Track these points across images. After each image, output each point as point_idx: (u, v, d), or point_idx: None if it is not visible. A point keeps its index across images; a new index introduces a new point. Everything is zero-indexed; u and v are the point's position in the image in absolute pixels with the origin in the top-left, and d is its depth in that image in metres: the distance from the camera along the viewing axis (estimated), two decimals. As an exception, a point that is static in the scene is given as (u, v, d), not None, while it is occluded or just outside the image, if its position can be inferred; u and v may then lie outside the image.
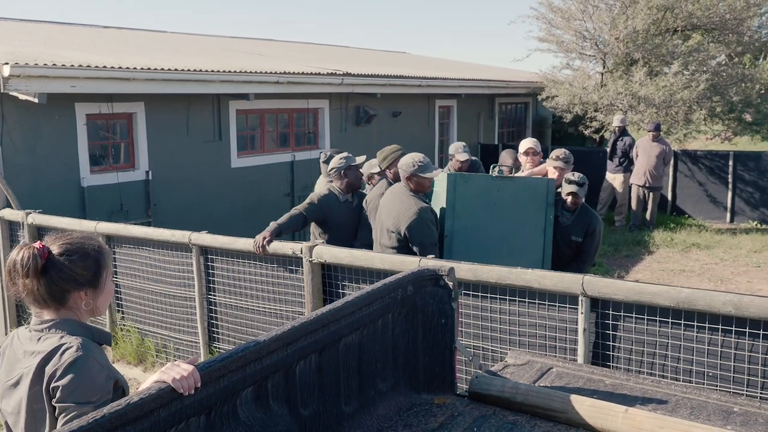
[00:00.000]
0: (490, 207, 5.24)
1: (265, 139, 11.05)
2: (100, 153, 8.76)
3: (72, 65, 7.48)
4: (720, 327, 3.26)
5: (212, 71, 9.07)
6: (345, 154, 5.51)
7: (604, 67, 15.75)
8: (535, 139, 6.49)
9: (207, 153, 9.85)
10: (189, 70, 8.79)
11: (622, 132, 12.32)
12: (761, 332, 3.18)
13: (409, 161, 4.87)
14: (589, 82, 15.12)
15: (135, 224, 6.81)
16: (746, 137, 19.00)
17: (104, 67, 7.81)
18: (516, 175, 6.05)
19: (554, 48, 16.28)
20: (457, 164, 5.99)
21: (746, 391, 3.23)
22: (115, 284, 6.26)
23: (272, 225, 5.00)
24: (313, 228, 5.48)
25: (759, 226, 12.53)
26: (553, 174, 5.67)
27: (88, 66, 7.65)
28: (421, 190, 4.91)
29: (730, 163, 12.87)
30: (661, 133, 12.24)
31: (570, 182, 5.23)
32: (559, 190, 5.41)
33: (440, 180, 5.27)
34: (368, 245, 5.19)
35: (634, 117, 14.12)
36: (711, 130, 17.07)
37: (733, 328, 3.23)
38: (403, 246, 4.72)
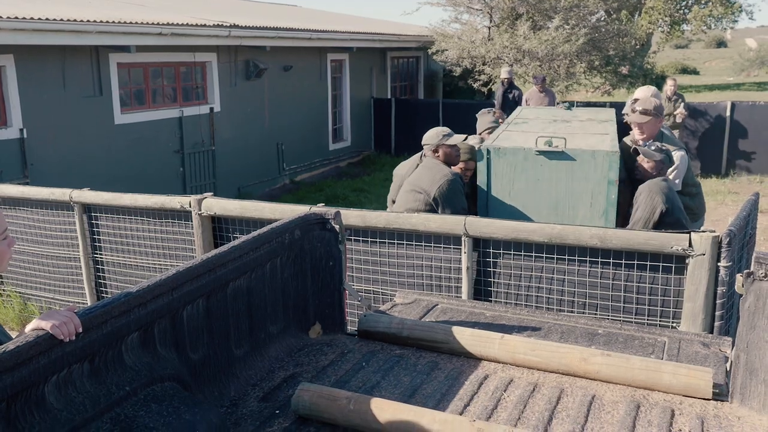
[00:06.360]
0: (533, 185, 4.43)
1: (150, 94, 10.61)
2: (-35, 110, 8.14)
3: (-74, 13, 6.86)
4: (588, 259, 3.54)
5: (88, 21, 8.56)
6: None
7: (491, 21, 16.13)
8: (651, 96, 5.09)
9: (87, 109, 9.35)
10: (62, 19, 8.25)
11: (510, 84, 12.71)
12: (623, 262, 3.48)
13: (433, 134, 4.62)
14: (477, 36, 15.46)
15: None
16: (623, 90, 20.11)
17: (-36, 15, 7.22)
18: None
19: (443, 1, 16.47)
20: None
21: (609, 315, 3.54)
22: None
23: None
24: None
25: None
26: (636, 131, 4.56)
27: (-54, 14, 7.04)
28: (451, 161, 4.59)
29: (607, 113, 13.62)
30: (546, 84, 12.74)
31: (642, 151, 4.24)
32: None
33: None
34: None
35: (519, 70, 14.61)
36: (590, 83, 17.93)
37: (599, 260, 3.52)
38: (429, 211, 4.38)
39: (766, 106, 12.56)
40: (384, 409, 2.13)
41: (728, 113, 12.57)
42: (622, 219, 4.39)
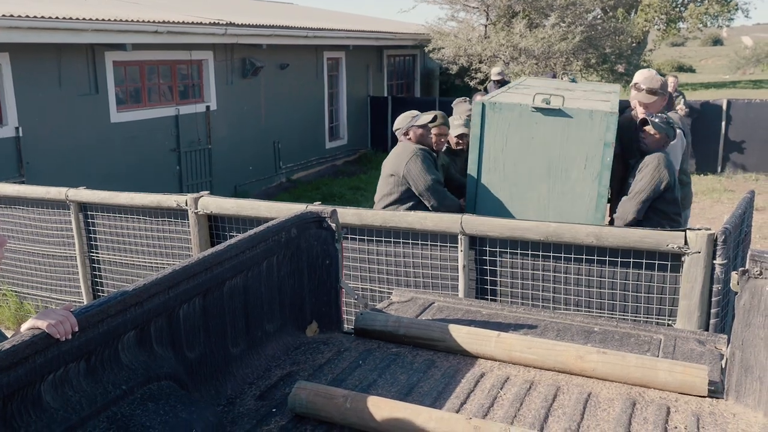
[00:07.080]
0: (527, 143, 4.25)
1: (146, 92, 10.59)
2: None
3: None
4: (584, 257, 3.55)
5: (84, 19, 8.54)
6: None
7: (487, 19, 16.13)
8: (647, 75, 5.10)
9: (83, 107, 9.33)
10: (58, 17, 8.23)
11: (504, 84, 12.67)
12: (619, 260, 3.49)
13: (401, 119, 4.67)
14: (473, 34, 15.47)
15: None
16: (619, 88, 20.14)
17: (-41, 13, 7.19)
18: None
19: (440, -1, 16.48)
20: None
21: (605, 313, 3.55)
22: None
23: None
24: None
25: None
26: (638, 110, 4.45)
27: (-59, 12, 7.01)
28: (423, 141, 4.56)
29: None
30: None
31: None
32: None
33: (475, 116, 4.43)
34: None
35: (516, 68, 14.62)
36: (587, 81, 17.93)
37: (595, 257, 3.53)
38: (404, 191, 4.43)
39: (762, 104, 12.59)
40: (380, 407, 2.14)
41: (724, 111, 12.59)
42: (615, 194, 4.31)
